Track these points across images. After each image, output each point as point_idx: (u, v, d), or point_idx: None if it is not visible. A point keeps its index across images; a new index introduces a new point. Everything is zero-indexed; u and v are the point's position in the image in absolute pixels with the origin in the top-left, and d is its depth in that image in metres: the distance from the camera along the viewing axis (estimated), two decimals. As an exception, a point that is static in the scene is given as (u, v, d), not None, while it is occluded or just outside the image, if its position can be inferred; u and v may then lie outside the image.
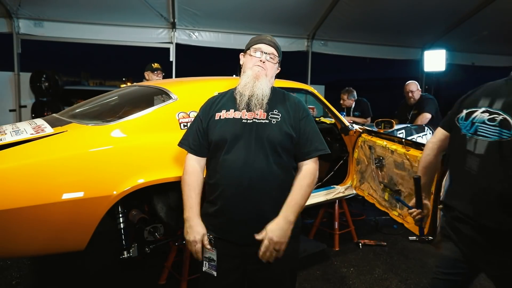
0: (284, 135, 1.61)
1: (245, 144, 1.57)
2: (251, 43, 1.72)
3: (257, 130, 1.59)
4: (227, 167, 1.57)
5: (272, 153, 1.58)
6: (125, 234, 2.13)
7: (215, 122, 1.65)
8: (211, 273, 1.63)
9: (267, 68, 1.67)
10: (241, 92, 1.63)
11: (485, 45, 7.88)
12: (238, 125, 1.60)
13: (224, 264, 1.62)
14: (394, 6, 6.36)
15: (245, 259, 1.64)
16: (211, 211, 1.64)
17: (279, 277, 1.67)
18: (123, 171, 2.00)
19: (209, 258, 1.64)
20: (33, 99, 6.05)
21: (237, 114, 1.63)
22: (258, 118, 1.61)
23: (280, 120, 1.62)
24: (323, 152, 1.67)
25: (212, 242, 1.62)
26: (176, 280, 2.69)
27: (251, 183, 1.54)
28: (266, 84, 1.65)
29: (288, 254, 1.66)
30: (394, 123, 3.91)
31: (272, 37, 1.74)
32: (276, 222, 1.54)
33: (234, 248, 1.61)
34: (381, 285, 2.90)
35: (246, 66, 1.70)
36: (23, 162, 1.81)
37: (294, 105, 1.70)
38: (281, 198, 1.60)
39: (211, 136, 1.64)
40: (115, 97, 2.83)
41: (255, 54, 1.68)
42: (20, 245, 1.91)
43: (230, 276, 1.64)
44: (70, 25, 5.98)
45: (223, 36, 6.70)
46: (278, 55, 1.72)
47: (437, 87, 8.61)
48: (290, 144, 1.63)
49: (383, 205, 2.95)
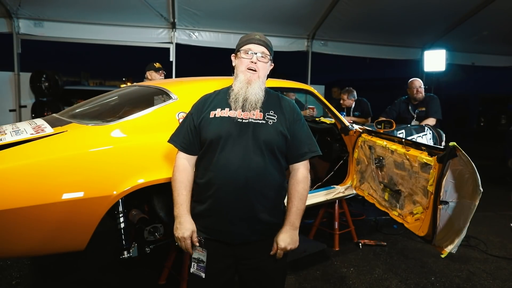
0: (281, 136, 1.61)
1: (241, 143, 1.56)
2: (241, 43, 1.69)
3: (254, 130, 1.59)
4: (223, 166, 1.56)
5: (268, 153, 1.58)
6: (125, 234, 2.13)
7: (209, 120, 1.63)
8: (199, 275, 1.62)
9: (259, 68, 1.65)
10: (235, 98, 1.63)
11: (485, 45, 7.88)
12: (233, 124, 1.60)
13: (215, 264, 1.62)
14: (394, 6, 6.36)
15: (237, 259, 1.65)
16: (201, 210, 1.63)
17: (271, 277, 1.68)
18: (123, 171, 2.00)
19: (198, 259, 1.63)
20: (33, 99, 6.05)
21: (232, 113, 1.62)
22: (255, 118, 1.61)
23: (276, 121, 1.63)
24: (315, 154, 1.69)
25: (202, 243, 1.62)
26: (176, 280, 2.69)
27: (247, 183, 1.54)
28: (259, 87, 1.64)
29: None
30: (394, 123, 3.90)
31: (261, 35, 1.70)
32: (284, 230, 1.61)
33: (226, 248, 1.62)
34: (381, 285, 2.90)
35: (238, 69, 1.68)
36: (23, 162, 1.81)
37: (289, 107, 1.71)
38: (274, 198, 1.62)
39: (205, 134, 1.62)
40: (115, 97, 2.83)
41: (245, 56, 1.65)
42: (20, 245, 1.91)
43: (222, 277, 1.65)
44: (70, 25, 5.98)
45: (223, 36, 6.70)
46: (270, 52, 1.69)
47: (437, 87, 8.61)
48: (284, 145, 1.64)
49: (383, 205, 2.95)
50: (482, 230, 3.95)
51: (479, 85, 17.18)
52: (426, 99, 4.72)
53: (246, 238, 1.60)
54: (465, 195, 2.24)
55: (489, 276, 3.06)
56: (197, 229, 1.64)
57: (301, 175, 1.67)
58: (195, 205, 1.67)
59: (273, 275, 1.68)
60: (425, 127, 4.31)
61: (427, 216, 2.39)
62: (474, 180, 2.16)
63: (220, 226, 1.60)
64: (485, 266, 3.21)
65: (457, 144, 2.17)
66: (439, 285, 2.92)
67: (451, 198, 2.29)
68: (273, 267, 1.67)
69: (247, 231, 1.59)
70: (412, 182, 2.57)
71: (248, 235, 1.60)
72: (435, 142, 4.25)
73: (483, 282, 2.97)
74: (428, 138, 4.21)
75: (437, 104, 4.67)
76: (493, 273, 3.11)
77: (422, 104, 4.71)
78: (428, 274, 3.07)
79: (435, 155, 2.35)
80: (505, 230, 4.11)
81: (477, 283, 2.95)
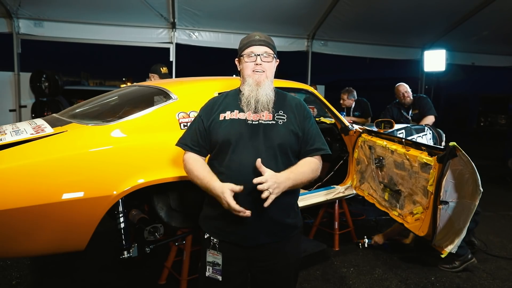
0: (292, 135, 1.61)
1: (253, 145, 1.55)
2: (242, 47, 1.67)
3: (265, 131, 1.58)
4: (235, 168, 1.54)
5: (281, 154, 1.57)
6: (125, 234, 2.13)
7: (219, 123, 1.62)
8: (216, 278, 1.60)
9: (265, 69, 1.64)
10: (247, 101, 1.61)
11: (485, 45, 7.88)
12: (243, 126, 1.59)
13: (229, 267, 1.61)
14: (394, 6, 6.36)
15: (250, 262, 1.63)
16: (214, 213, 1.61)
17: (284, 279, 1.67)
18: (123, 171, 2.00)
19: (213, 262, 1.61)
20: (33, 99, 6.05)
21: (242, 115, 1.62)
22: (265, 120, 1.60)
23: (287, 121, 1.62)
24: (325, 152, 1.67)
25: (216, 246, 1.60)
26: (176, 280, 2.69)
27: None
28: (269, 87, 1.64)
29: (293, 255, 1.67)
30: (394, 123, 3.90)
31: (261, 34, 1.68)
32: (278, 173, 1.49)
33: (239, 251, 1.60)
34: (381, 285, 2.90)
35: (244, 73, 1.66)
36: (23, 162, 1.80)
37: (298, 106, 1.70)
38: (288, 199, 1.60)
39: (215, 136, 1.61)
40: (115, 97, 2.83)
41: (249, 59, 1.63)
42: (20, 245, 1.91)
43: (236, 279, 1.63)
44: (70, 25, 5.98)
45: (223, 36, 6.70)
46: (272, 50, 1.67)
47: (437, 87, 8.63)
48: (297, 144, 1.63)
49: (383, 205, 2.95)
50: (482, 230, 3.95)
51: (479, 85, 17.18)
52: (415, 101, 4.75)
53: (259, 241, 1.58)
54: (465, 195, 2.25)
55: (489, 276, 3.06)
56: (211, 232, 1.63)
57: (314, 159, 1.64)
58: (207, 208, 1.67)
59: (286, 277, 1.67)
60: (425, 127, 4.31)
61: (427, 216, 2.39)
62: (474, 180, 2.16)
63: (233, 229, 1.58)
64: (485, 266, 3.21)
65: (457, 144, 2.17)
66: (439, 285, 2.92)
67: (451, 198, 2.30)
68: (287, 269, 1.65)
69: (260, 234, 1.57)
70: (412, 182, 2.57)
71: (262, 237, 1.58)
72: (435, 142, 4.25)
73: (483, 282, 2.97)
74: (428, 138, 4.21)
75: (428, 102, 4.71)
76: (493, 273, 3.11)
77: (414, 106, 4.74)
78: (428, 274, 3.07)
79: (435, 155, 2.35)
80: (505, 230, 4.11)
81: (477, 283, 2.95)
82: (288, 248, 1.65)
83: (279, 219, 1.59)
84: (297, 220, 1.69)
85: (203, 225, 1.69)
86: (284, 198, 1.54)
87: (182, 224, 2.42)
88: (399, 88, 4.76)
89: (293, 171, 1.54)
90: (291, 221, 1.65)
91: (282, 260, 1.63)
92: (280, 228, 1.61)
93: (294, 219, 1.67)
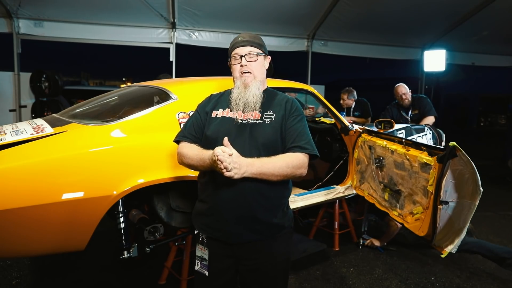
0: (278, 134, 1.62)
1: (239, 143, 1.55)
2: (229, 50, 1.73)
3: (251, 130, 1.60)
4: None
5: (265, 152, 1.58)
6: (125, 234, 2.13)
7: (211, 120, 1.68)
8: (203, 273, 1.66)
9: (251, 69, 1.66)
10: (235, 103, 1.65)
11: (485, 45, 7.88)
12: (232, 124, 1.62)
13: (216, 264, 1.64)
14: (394, 6, 6.36)
15: (237, 260, 1.65)
16: (202, 209, 1.66)
17: (272, 278, 1.67)
18: (123, 171, 2.00)
19: (201, 257, 1.67)
20: (33, 99, 6.04)
21: (232, 114, 1.66)
22: (252, 119, 1.63)
23: (274, 120, 1.63)
24: (307, 151, 1.59)
25: (204, 242, 1.65)
26: (176, 280, 2.69)
27: (243, 182, 1.52)
28: (257, 88, 1.66)
29: (280, 255, 1.67)
30: (394, 123, 3.90)
31: (246, 34, 1.71)
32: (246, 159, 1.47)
33: (226, 248, 1.62)
34: (381, 285, 2.90)
35: (234, 75, 1.71)
36: (23, 162, 1.81)
37: (288, 103, 1.70)
38: (274, 198, 1.62)
39: (206, 132, 1.66)
40: (115, 97, 2.83)
41: (235, 62, 1.69)
42: (20, 245, 1.91)
43: (222, 276, 1.65)
44: (70, 25, 5.98)
45: (223, 36, 6.70)
46: (258, 48, 1.68)
47: (437, 87, 8.63)
48: (282, 143, 1.63)
49: (383, 205, 2.95)
50: (482, 230, 3.95)
51: (479, 85, 17.20)
52: (415, 102, 4.74)
53: (243, 238, 1.59)
54: (465, 195, 2.24)
55: (489, 276, 3.06)
56: (200, 227, 1.68)
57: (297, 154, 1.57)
58: (199, 204, 1.70)
59: (273, 276, 1.67)
60: (425, 127, 4.31)
61: (427, 216, 2.39)
62: (474, 180, 2.16)
63: (218, 225, 1.61)
64: (485, 266, 3.21)
65: (457, 144, 2.17)
66: (439, 285, 2.92)
67: (451, 198, 2.29)
68: (274, 268, 1.66)
69: (244, 231, 1.58)
70: (412, 182, 2.57)
71: (246, 234, 1.59)
72: (435, 142, 4.25)
73: (483, 282, 2.97)
74: (428, 138, 4.21)
75: (428, 102, 4.71)
76: (493, 273, 3.11)
77: (413, 106, 4.73)
78: (428, 274, 3.08)
79: (435, 155, 2.35)
80: (505, 230, 4.11)
81: (477, 283, 2.95)
82: (275, 247, 1.65)
83: (264, 218, 1.59)
84: (284, 220, 1.68)
85: (194, 221, 1.74)
86: (270, 198, 1.58)
87: (182, 224, 2.43)
88: (398, 89, 4.76)
89: (261, 159, 1.50)
90: (277, 221, 1.64)
91: (269, 259, 1.64)
92: (265, 227, 1.61)
93: (282, 219, 1.66)
